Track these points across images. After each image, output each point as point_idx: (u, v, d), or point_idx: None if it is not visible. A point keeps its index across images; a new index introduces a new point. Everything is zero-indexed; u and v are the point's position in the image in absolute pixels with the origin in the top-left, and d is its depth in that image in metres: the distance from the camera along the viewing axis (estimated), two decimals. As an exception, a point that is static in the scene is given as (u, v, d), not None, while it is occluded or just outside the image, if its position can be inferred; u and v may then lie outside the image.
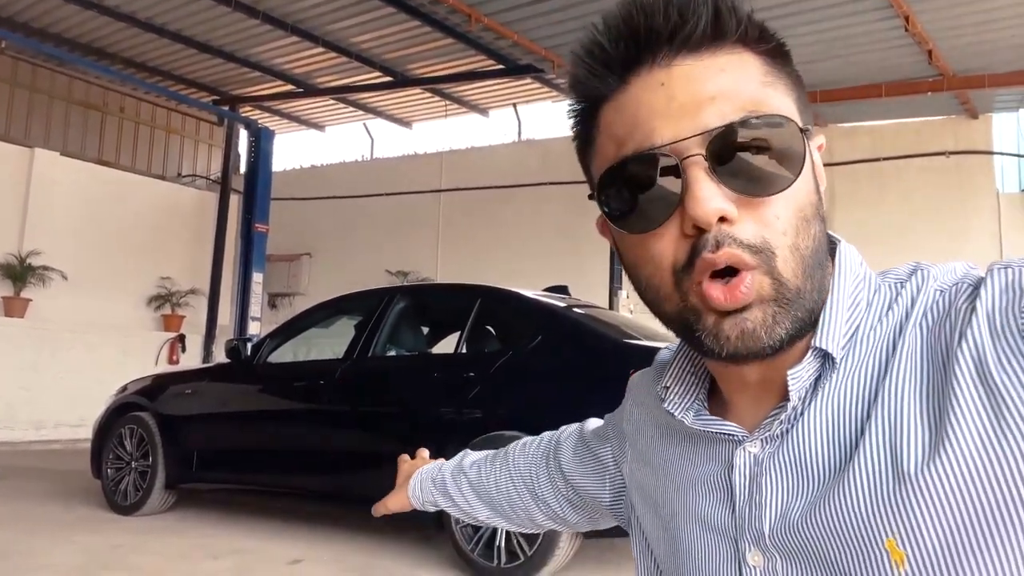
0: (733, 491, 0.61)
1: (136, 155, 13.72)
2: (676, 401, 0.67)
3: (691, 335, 0.58)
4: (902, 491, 0.50)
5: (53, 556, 3.92)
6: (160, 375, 5.81)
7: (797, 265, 0.55)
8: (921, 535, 0.49)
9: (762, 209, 0.54)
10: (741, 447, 0.61)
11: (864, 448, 0.53)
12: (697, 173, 0.53)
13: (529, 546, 3.66)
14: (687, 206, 0.53)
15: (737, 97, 0.54)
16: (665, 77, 0.55)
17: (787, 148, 0.54)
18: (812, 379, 0.58)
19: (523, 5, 7.37)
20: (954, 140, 9.39)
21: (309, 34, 9.76)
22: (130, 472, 5.15)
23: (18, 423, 9.18)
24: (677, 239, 0.55)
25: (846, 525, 0.53)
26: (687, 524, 0.66)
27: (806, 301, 0.55)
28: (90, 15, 9.63)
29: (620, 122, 0.57)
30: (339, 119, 13.97)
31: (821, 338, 0.57)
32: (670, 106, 0.55)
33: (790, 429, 0.58)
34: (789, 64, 0.59)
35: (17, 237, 10.10)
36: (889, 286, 0.59)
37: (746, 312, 0.54)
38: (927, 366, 0.53)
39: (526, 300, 4.43)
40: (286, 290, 13.55)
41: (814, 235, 0.56)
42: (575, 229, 11.04)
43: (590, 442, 0.89)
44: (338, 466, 4.43)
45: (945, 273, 0.57)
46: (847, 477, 0.53)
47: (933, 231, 9.22)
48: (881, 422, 0.53)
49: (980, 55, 7.71)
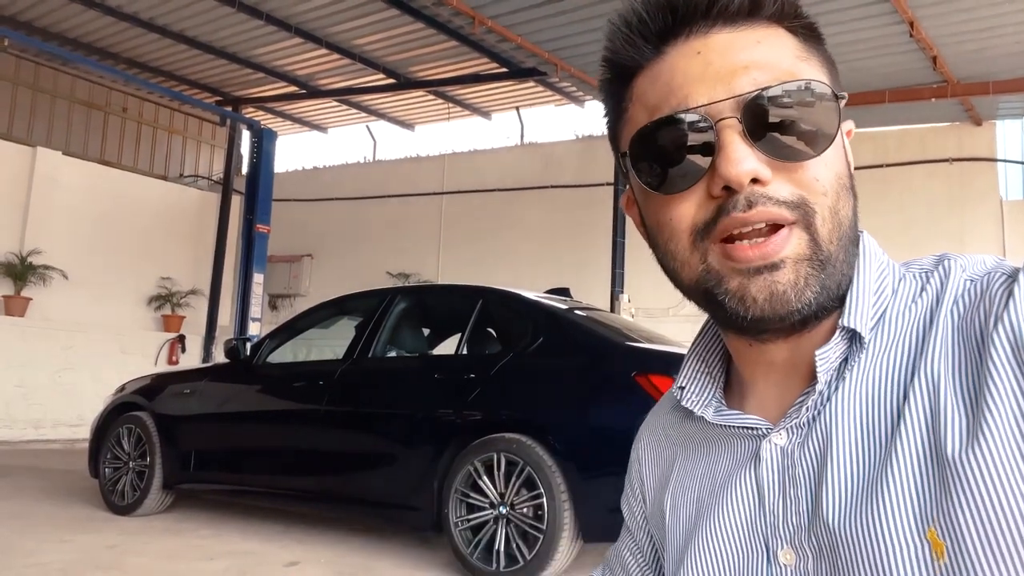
0: (761, 487, 0.59)
1: (138, 155, 13.73)
2: (694, 399, 0.66)
3: (713, 301, 0.56)
4: (943, 477, 0.48)
5: (46, 555, 3.89)
6: (159, 375, 5.78)
7: (834, 229, 0.54)
8: (961, 523, 0.47)
9: (799, 172, 0.54)
10: (767, 440, 0.59)
11: (904, 433, 0.51)
12: (731, 135, 0.53)
13: (529, 550, 3.62)
14: (719, 166, 0.53)
15: (773, 67, 0.54)
16: (701, 46, 0.56)
17: (822, 116, 0.54)
18: (839, 360, 0.56)
19: (527, 8, 7.36)
20: (958, 147, 9.37)
21: (312, 36, 9.77)
22: (127, 472, 5.12)
23: (16, 422, 9.15)
24: (703, 201, 0.55)
25: (889, 515, 0.50)
26: (712, 529, 0.62)
27: (836, 272, 0.55)
28: (94, 15, 9.65)
29: (654, 90, 0.57)
30: (342, 121, 13.99)
31: (849, 317, 0.56)
32: (706, 71, 0.55)
33: (818, 416, 0.56)
34: (822, 44, 0.59)
35: (18, 236, 10.09)
36: (914, 275, 0.59)
37: (776, 272, 0.53)
38: (962, 351, 0.52)
39: (527, 302, 4.41)
40: (287, 291, 13.54)
41: (852, 207, 0.56)
42: (577, 232, 11.02)
43: (632, 529, 0.80)
44: (336, 468, 4.39)
45: (974, 264, 0.57)
46: (890, 464, 0.51)
47: (936, 238, 9.19)
48: (919, 406, 0.51)
49: (985, 61, 7.69)
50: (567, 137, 11.84)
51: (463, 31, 8.39)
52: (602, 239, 9.92)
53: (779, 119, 0.53)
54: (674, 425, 0.71)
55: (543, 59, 8.34)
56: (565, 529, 3.58)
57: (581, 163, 11.27)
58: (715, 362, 0.67)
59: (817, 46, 0.58)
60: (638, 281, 9.01)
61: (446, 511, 3.86)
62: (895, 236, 9.17)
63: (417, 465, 4.08)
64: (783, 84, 0.53)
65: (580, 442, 3.66)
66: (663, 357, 3.72)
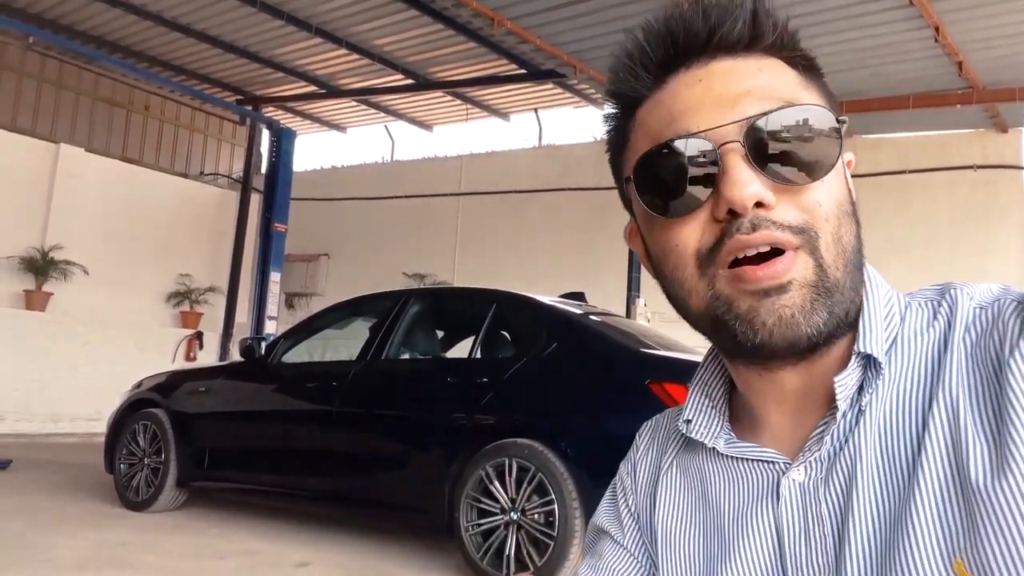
0: (780, 527, 0.56)
1: (160, 153, 13.84)
2: (703, 432, 0.63)
3: (722, 328, 0.55)
4: (969, 507, 0.47)
5: (58, 550, 3.91)
6: (175, 372, 5.82)
7: (839, 256, 0.54)
8: (989, 556, 0.46)
9: (802, 196, 0.54)
10: (786, 476, 0.57)
11: (926, 462, 0.50)
12: (735, 159, 0.53)
13: (539, 556, 3.60)
14: (723, 189, 0.52)
15: (774, 93, 0.55)
16: (704, 74, 0.56)
17: (824, 141, 0.54)
18: (856, 387, 0.55)
19: (547, 9, 7.34)
20: (982, 154, 9.23)
21: (333, 36, 9.80)
22: (142, 468, 5.15)
23: (36, 416, 9.25)
24: (707, 225, 0.55)
25: (917, 549, 0.49)
26: (727, 569, 0.59)
27: (844, 298, 0.54)
28: (117, 13, 9.74)
29: (656, 117, 0.58)
30: (360, 121, 14.03)
31: (864, 342, 0.55)
32: (707, 97, 0.55)
33: (842, 448, 0.55)
34: (821, 79, 0.60)
35: (40, 231, 10.20)
36: (920, 304, 0.59)
37: (784, 296, 0.52)
38: (978, 378, 0.51)
39: (542, 306, 4.38)
40: (304, 290, 13.59)
41: (855, 233, 0.56)
42: (594, 236, 10.97)
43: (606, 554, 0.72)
44: (348, 469, 4.39)
45: (981, 292, 0.56)
46: (914, 496, 0.50)
47: (958, 246, 9.06)
48: (940, 434, 0.51)
49: (1011, 67, 7.56)
50: (585, 139, 11.78)
51: (482, 32, 8.38)
52: (619, 242, 9.85)
53: (782, 143, 0.53)
54: (674, 454, 0.68)
55: (562, 61, 8.31)
56: (576, 536, 3.55)
57: (599, 165, 11.16)
58: (719, 396, 0.65)
59: (816, 78, 0.59)
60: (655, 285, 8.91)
61: (457, 515, 3.84)
62: (916, 244, 9.05)
63: (428, 468, 4.06)
64: (786, 108, 0.53)
65: (592, 449, 3.63)
66: (678, 365, 3.68)
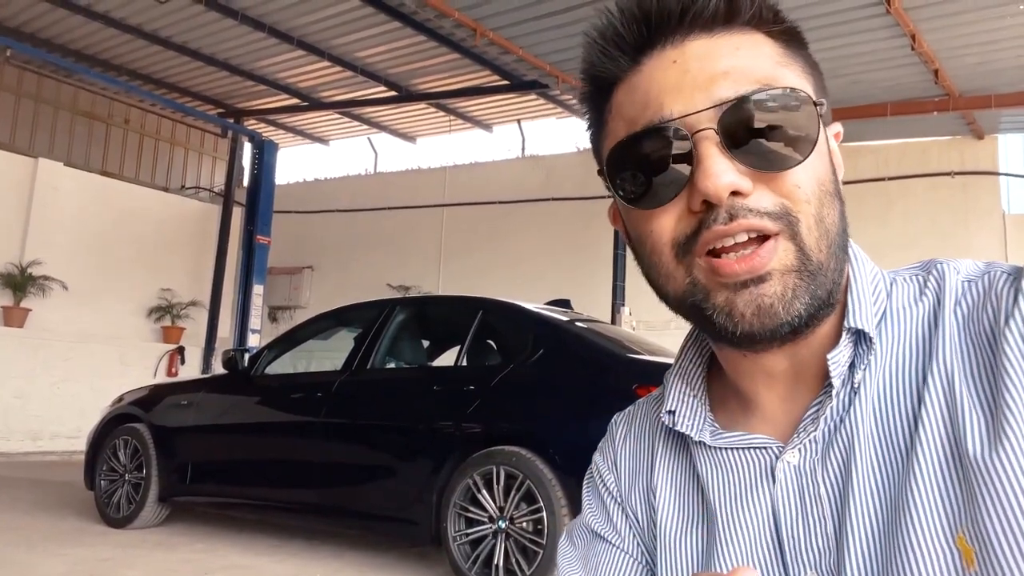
0: (777, 511, 0.55)
1: (140, 166, 13.74)
2: (688, 424, 0.62)
3: (701, 316, 0.54)
4: (967, 480, 0.47)
5: (38, 568, 3.83)
6: (156, 386, 5.74)
7: (822, 237, 0.52)
8: (989, 528, 0.45)
9: (779, 181, 0.52)
10: (781, 459, 0.56)
11: (923, 437, 0.50)
12: (708, 147, 0.51)
13: (528, 565, 3.57)
14: (697, 181, 0.51)
15: (751, 74, 0.53)
16: (678, 55, 0.54)
17: (802, 122, 0.52)
18: (848, 364, 0.54)
19: (529, 20, 7.37)
20: (960, 160, 9.36)
21: (315, 48, 9.79)
22: (123, 484, 5.07)
23: (14, 433, 9.10)
24: (683, 214, 0.53)
25: (919, 525, 0.48)
26: (725, 561, 0.58)
27: (827, 280, 0.53)
28: (96, 26, 9.68)
29: (631, 102, 0.56)
30: (343, 133, 14.00)
31: (854, 317, 0.54)
32: (682, 80, 0.53)
33: (838, 427, 0.54)
34: (804, 48, 0.58)
35: (19, 247, 10.07)
36: (905, 278, 0.58)
37: (763, 285, 0.51)
38: (972, 349, 0.51)
39: (528, 313, 4.37)
40: (287, 303, 13.50)
41: (839, 212, 0.54)
42: (578, 245, 11.00)
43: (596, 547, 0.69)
44: (334, 480, 4.34)
45: (967, 266, 0.56)
46: (913, 471, 0.49)
47: (938, 251, 9.15)
48: (935, 407, 0.50)
49: (987, 75, 7.68)
50: (568, 150, 11.83)
51: (465, 44, 8.40)
52: (603, 251, 9.89)
53: (757, 128, 0.51)
54: (656, 444, 0.67)
55: (545, 72, 8.34)
56: (565, 544, 3.52)
57: (582, 176, 11.25)
58: (697, 383, 0.64)
59: (798, 50, 0.57)
60: (639, 293, 8.97)
61: (444, 525, 3.81)
62: (896, 250, 9.12)
63: (415, 478, 4.03)
64: (760, 92, 0.52)
65: (581, 456, 3.60)
66: (664, 370, 3.68)
